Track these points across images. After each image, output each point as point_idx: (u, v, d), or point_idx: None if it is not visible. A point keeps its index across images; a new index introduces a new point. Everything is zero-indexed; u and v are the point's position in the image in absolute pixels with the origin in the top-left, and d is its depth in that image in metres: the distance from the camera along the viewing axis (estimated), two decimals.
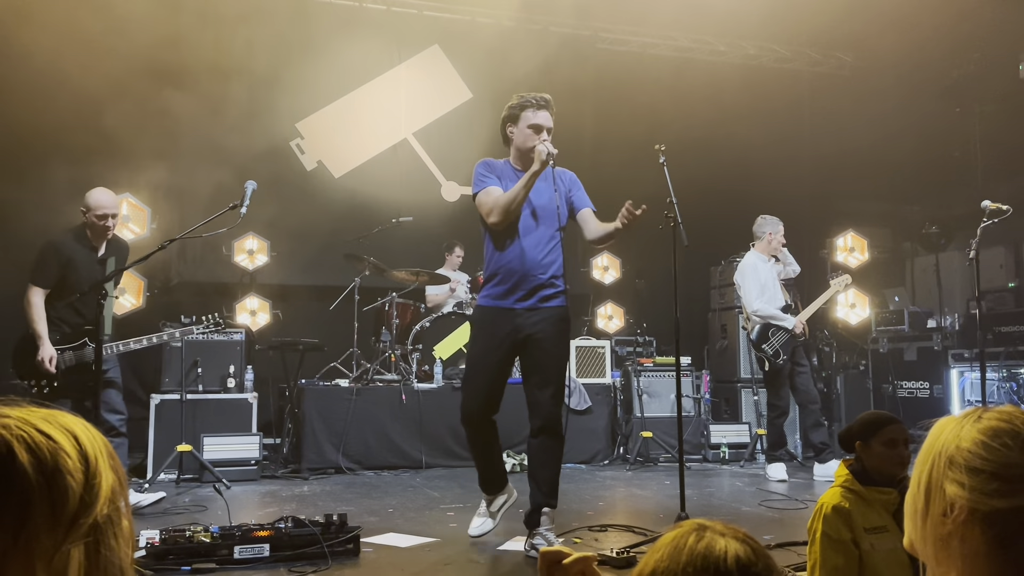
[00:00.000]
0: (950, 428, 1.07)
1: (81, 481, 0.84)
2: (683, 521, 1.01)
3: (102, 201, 4.67)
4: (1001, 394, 7.04)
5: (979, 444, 1.03)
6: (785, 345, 6.24)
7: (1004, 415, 1.05)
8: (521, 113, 3.88)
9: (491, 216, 3.77)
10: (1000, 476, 1.00)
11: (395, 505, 5.03)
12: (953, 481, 1.03)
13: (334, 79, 8.57)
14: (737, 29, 9.19)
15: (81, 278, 4.59)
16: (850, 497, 2.31)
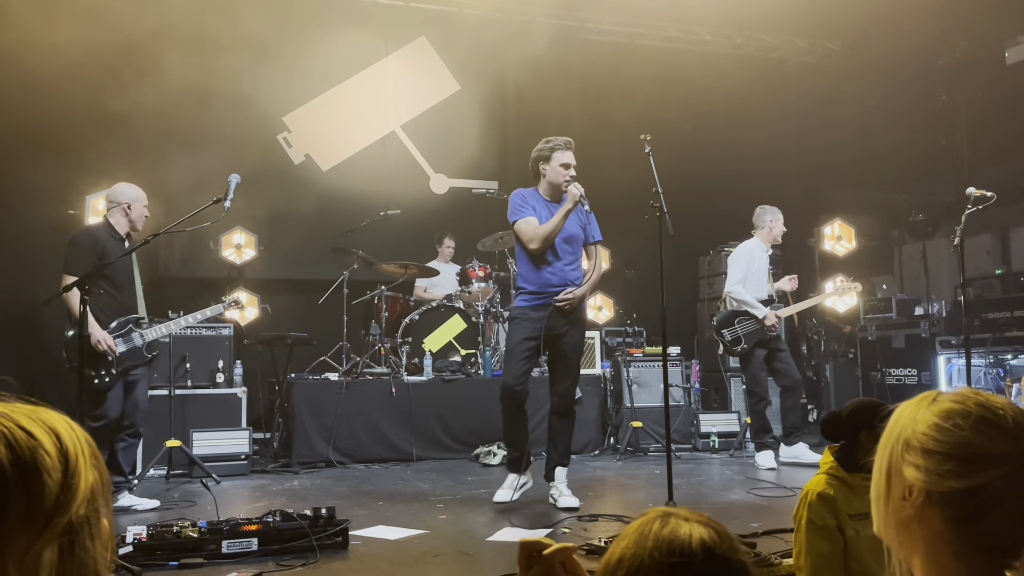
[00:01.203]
0: (907, 413, 1.08)
1: (59, 480, 0.83)
2: (649, 510, 1.02)
3: (140, 194, 4.82)
4: (988, 380, 7.08)
5: (933, 426, 1.03)
6: (751, 334, 6.30)
7: (958, 397, 1.06)
8: (552, 154, 4.68)
9: (532, 244, 4.59)
10: (954, 456, 1.00)
11: (385, 498, 5.03)
12: (910, 464, 1.03)
13: (321, 72, 8.53)
14: (724, 18, 9.18)
15: (116, 269, 4.66)
16: (835, 484, 2.32)
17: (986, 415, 1.02)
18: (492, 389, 6.91)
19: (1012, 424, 1.01)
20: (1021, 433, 1.00)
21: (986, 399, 1.04)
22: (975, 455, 1.00)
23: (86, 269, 4.51)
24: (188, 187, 6.60)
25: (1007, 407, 1.03)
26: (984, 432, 1.01)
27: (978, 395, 1.06)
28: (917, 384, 7.88)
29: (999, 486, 0.97)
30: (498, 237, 7.59)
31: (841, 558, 2.32)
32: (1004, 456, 0.98)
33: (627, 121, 7.42)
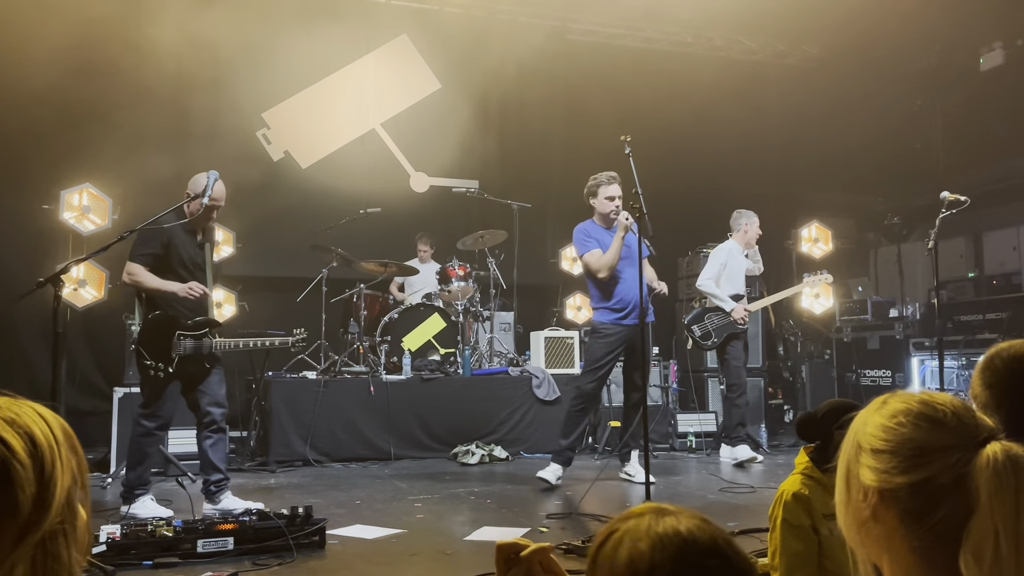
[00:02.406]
0: (860, 417, 1.12)
1: (32, 494, 0.80)
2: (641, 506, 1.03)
3: (219, 191, 4.50)
4: (960, 382, 7.18)
5: (879, 427, 1.07)
6: (720, 328, 6.44)
7: (904, 397, 1.10)
8: (598, 190, 5.46)
9: (600, 273, 5.37)
10: (898, 453, 1.04)
11: (363, 497, 5.02)
12: (864, 466, 1.07)
13: (301, 68, 8.48)
14: (704, 21, 9.23)
15: (182, 260, 4.47)
16: (810, 484, 2.34)
17: (926, 411, 1.05)
18: (471, 388, 6.94)
19: (951, 417, 1.04)
20: (960, 426, 1.03)
21: (929, 397, 1.08)
22: (918, 450, 1.03)
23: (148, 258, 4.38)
24: (166, 183, 6.54)
25: (949, 403, 1.06)
26: (924, 427, 1.04)
27: (924, 394, 1.09)
28: (891, 385, 7.97)
29: (943, 479, 1.00)
30: (478, 236, 7.60)
31: (815, 557, 2.34)
32: (945, 449, 1.01)
33: (608, 122, 7.44)
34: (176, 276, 4.42)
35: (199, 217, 4.46)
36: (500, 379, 7.09)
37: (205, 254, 4.58)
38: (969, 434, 1.02)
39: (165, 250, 4.39)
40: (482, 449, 6.49)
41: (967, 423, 1.03)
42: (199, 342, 4.44)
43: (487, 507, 4.73)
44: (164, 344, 4.38)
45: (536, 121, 8.83)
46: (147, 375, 4.36)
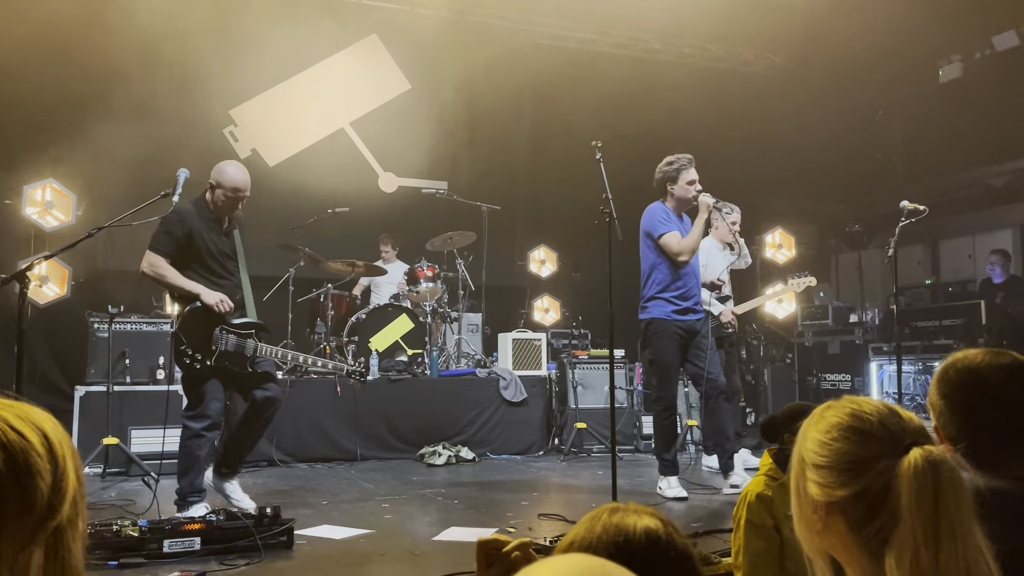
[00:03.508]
0: (802, 430, 1.19)
1: (50, 483, 0.83)
2: (600, 507, 1.07)
3: (238, 180, 4.31)
4: (917, 386, 7.36)
5: (817, 442, 1.14)
6: None
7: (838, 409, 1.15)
8: (679, 174, 5.08)
9: (682, 256, 4.97)
10: (835, 468, 1.10)
11: (329, 497, 5.01)
12: (809, 480, 1.13)
13: (269, 66, 8.43)
14: (672, 27, 9.34)
15: (208, 250, 4.30)
16: (773, 485, 2.41)
17: (855, 424, 1.11)
18: (438, 389, 6.95)
19: (878, 427, 1.10)
20: (886, 434, 1.09)
21: (858, 406, 1.13)
22: (852, 464, 1.09)
23: (168, 247, 4.20)
24: (131, 179, 6.46)
25: (876, 411, 1.12)
26: (854, 440, 1.10)
27: (854, 403, 1.15)
28: (850, 389, 8.14)
29: (877, 486, 1.06)
30: (447, 237, 7.61)
31: (777, 557, 2.41)
32: (875, 459, 1.07)
33: (577, 126, 7.50)
34: (203, 268, 4.28)
35: (223, 207, 4.32)
36: (467, 380, 7.11)
37: (234, 243, 4.44)
38: (894, 441, 1.08)
39: (187, 240, 4.23)
40: (449, 450, 6.51)
41: (893, 430, 1.09)
42: (242, 341, 4.28)
43: (454, 508, 4.75)
44: (205, 336, 4.20)
45: (506, 124, 8.88)
46: (184, 366, 4.19)
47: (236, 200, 4.32)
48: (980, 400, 1.42)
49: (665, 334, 4.97)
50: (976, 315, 7.05)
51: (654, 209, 5.10)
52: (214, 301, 4.20)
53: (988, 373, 1.43)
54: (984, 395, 1.42)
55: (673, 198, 5.10)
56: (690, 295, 5.05)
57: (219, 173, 4.31)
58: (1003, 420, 1.40)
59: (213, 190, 4.30)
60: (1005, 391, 1.42)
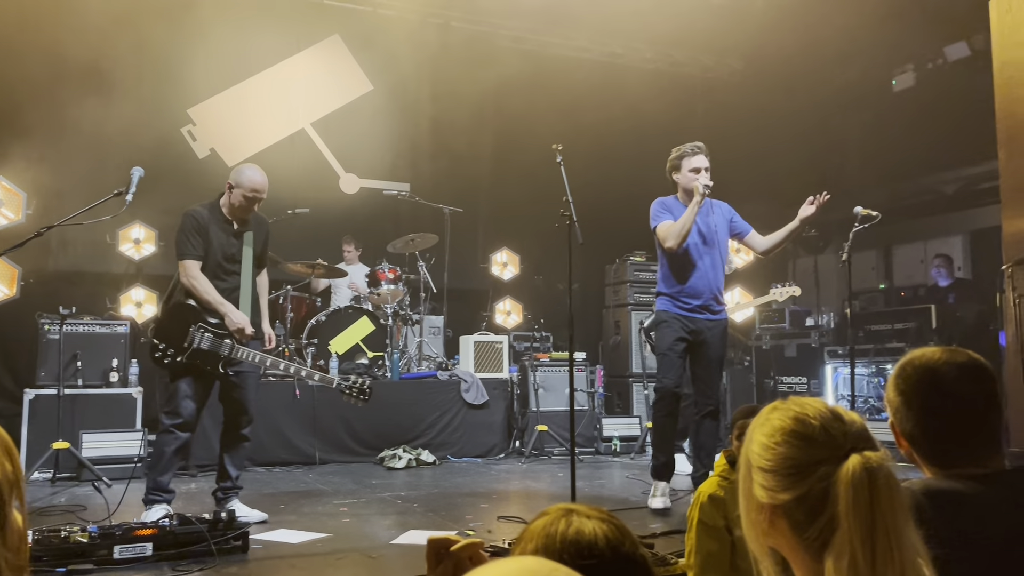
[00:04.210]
0: (749, 432, 1.20)
1: None
2: (550, 508, 1.07)
3: (258, 181, 4.37)
4: (870, 388, 7.50)
5: (761, 446, 1.15)
6: None
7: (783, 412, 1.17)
8: (681, 161, 4.82)
9: (667, 242, 4.67)
10: (779, 472, 1.12)
11: (287, 501, 4.95)
12: (756, 483, 1.15)
13: (229, 64, 8.32)
14: (634, 32, 9.42)
15: (214, 251, 4.32)
16: (726, 486, 2.44)
17: (798, 429, 1.13)
18: (399, 392, 6.92)
19: (819, 432, 1.11)
20: (828, 439, 1.11)
21: (801, 410, 1.15)
22: (794, 468, 1.11)
23: (199, 248, 4.25)
24: (85, 178, 6.33)
25: (819, 416, 1.13)
26: (796, 445, 1.12)
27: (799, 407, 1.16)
28: (807, 391, 8.27)
29: (817, 490, 1.08)
30: (409, 239, 7.58)
31: (728, 557, 2.44)
32: (816, 464, 1.09)
33: (539, 129, 7.52)
34: (207, 269, 4.31)
35: (239, 208, 4.38)
36: (429, 383, 7.08)
37: (243, 245, 4.43)
38: (835, 446, 1.10)
39: (205, 239, 4.29)
40: (409, 453, 6.48)
41: (834, 435, 1.11)
42: (218, 341, 4.23)
43: (413, 511, 4.73)
44: (180, 332, 4.19)
45: (468, 126, 8.86)
46: (154, 359, 4.18)
47: (253, 201, 4.41)
48: (936, 397, 1.44)
49: (667, 324, 4.73)
50: (927, 319, 7.21)
51: (653, 205, 4.91)
52: (235, 327, 4.23)
53: (945, 371, 1.45)
54: (940, 392, 1.44)
55: (680, 189, 4.88)
56: (698, 293, 4.72)
57: (238, 174, 4.40)
58: (957, 418, 1.43)
59: (231, 191, 4.38)
60: (960, 389, 1.44)
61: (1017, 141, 5.77)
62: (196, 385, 4.27)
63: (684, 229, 4.64)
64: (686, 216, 4.65)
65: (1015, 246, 5.53)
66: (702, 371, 4.74)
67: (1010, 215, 5.76)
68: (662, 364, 4.76)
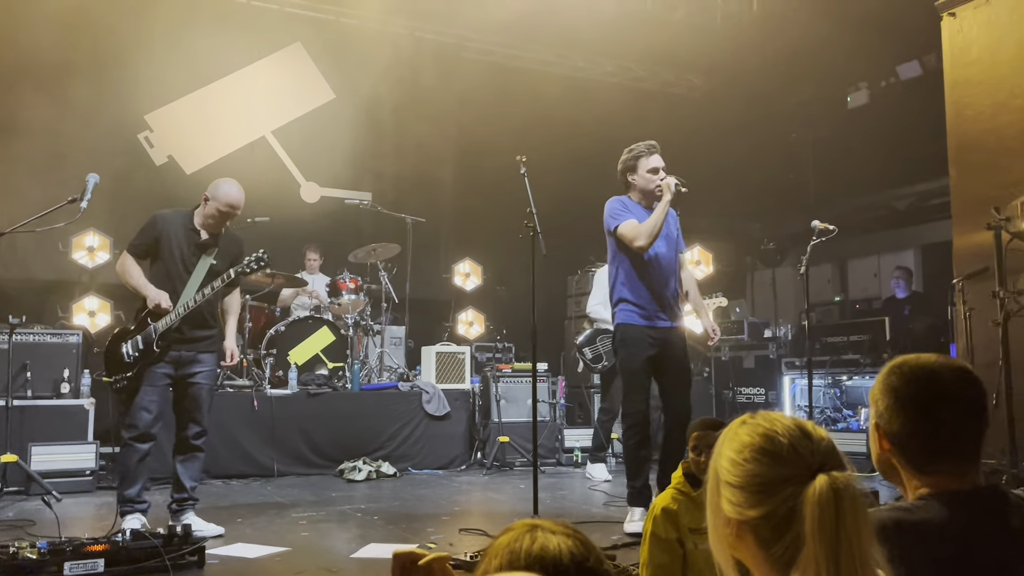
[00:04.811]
0: (718, 446, 1.21)
1: None
2: (515, 523, 1.06)
3: (233, 196, 4.36)
4: (826, 399, 7.63)
5: (730, 461, 1.16)
6: (612, 352, 6.53)
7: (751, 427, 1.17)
8: (638, 161, 4.56)
9: (637, 241, 4.34)
10: (747, 488, 1.12)
11: (244, 515, 4.86)
12: (724, 498, 1.15)
13: (188, 71, 8.21)
14: (596, 46, 9.51)
15: (173, 255, 4.30)
16: (680, 499, 2.47)
17: (765, 445, 1.13)
18: (359, 403, 6.85)
19: (788, 449, 1.12)
20: (795, 457, 1.11)
21: (770, 426, 1.15)
22: (762, 486, 1.11)
23: (138, 248, 4.32)
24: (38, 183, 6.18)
25: (788, 433, 1.14)
26: (764, 462, 1.12)
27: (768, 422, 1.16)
28: (764, 402, 8.38)
29: (785, 508, 1.09)
30: (370, 249, 7.53)
31: (679, 569, 2.46)
32: (785, 480, 1.10)
33: (503, 140, 7.54)
34: (164, 271, 4.32)
35: (212, 221, 4.37)
36: (389, 394, 7.03)
37: (200, 256, 4.38)
38: (803, 465, 1.10)
39: (156, 243, 4.31)
40: (369, 465, 6.41)
41: (802, 453, 1.11)
42: (147, 334, 4.24)
43: (374, 524, 4.68)
44: (117, 358, 4.28)
45: (432, 136, 8.85)
46: (117, 392, 4.28)
47: (226, 216, 4.40)
48: (931, 397, 1.43)
49: (632, 341, 4.41)
50: (881, 331, 7.36)
51: (610, 203, 4.55)
52: (153, 302, 4.20)
53: (943, 373, 1.44)
54: (936, 393, 1.43)
55: (636, 190, 4.57)
56: (662, 299, 4.44)
57: (215, 188, 4.40)
58: (949, 421, 1.42)
59: (206, 203, 4.37)
60: (956, 392, 1.43)
61: (967, 159, 5.95)
62: (150, 396, 4.27)
63: (656, 228, 4.35)
64: (658, 214, 4.37)
65: (966, 261, 5.69)
66: (670, 382, 4.47)
67: (961, 231, 5.93)
68: (631, 388, 4.46)
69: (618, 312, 4.49)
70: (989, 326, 5.03)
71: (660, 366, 4.45)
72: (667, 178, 4.46)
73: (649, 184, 4.50)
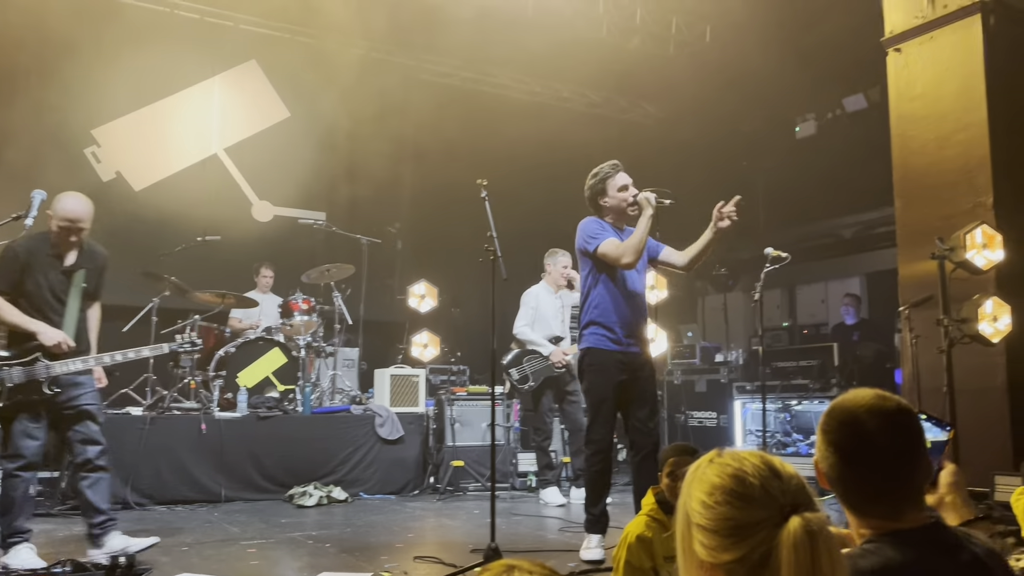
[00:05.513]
0: (686, 486, 1.19)
1: None
2: (491, 563, 1.04)
3: (68, 209, 4.06)
4: (776, 423, 7.73)
5: (701, 503, 1.14)
6: (538, 372, 6.55)
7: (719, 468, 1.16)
8: (606, 183, 4.49)
9: (625, 258, 4.25)
10: (719, 532, 1.11)
11: (190, 542, 4.71)
12: (695, 540, 1.14)
13: (138, 86, 8.05)
14: (553, 71, 9.61)
15: (40, 286, 4.05)
16: (654, 526, 2.45)
17: (736, 487, 1.13)
18: (311, 427, 6.72)
19: (759, 491, 1.11)
20: (767, 499, 1.11)
21: (739, 466, 1.14)
22: (735, 529, 1.10)
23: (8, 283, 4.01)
24: None
25: (758, 473, 1.13)
26: (737, 505, 1.11)
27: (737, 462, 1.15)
28: (716, 426, 8.47)
29: (758, 554, 1.08)
30: (324, 270, 7.43)
31: None
32: (758, 523, 1.09)
33: (459, 162, 7.55)
34: (33, 305, 4.06)
35: (59, 239, 4.12)
36: (341, 417, 6.91)
37: (72, 282, 4.18)
38: (775, 506, 1.10)
39: (22, 275, 4.04)
40: (320, 490, 6.28)
41: (774, 494, 1.11)
42: (29, 369, 3.99)
43: (326, 551, 4.57)
44: None
45: (388, 157, 8.81)
46: None
47: (68, 232, 4.13)
48: (856, 445, 1.41)
49: (602, 366, 4.31)
50: (830, 357, 7.50)
51: (586, 223, 4.45)
52: (53, 342, 4.01)
53: (867, 419, 1.42)
54: (861, 441, 1.41)
55: (610, 213, 4.48)
56: (633, 324, 4.36)
57: (56, 202, 4.14)
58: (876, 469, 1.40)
59: (50, 220, 4.12)
60: (882, 441, 1.40)
61: (912, 191, 6.13)
62: (31, 421, 4.06)
63: (641, 243, 4.27)
64: (642, 229, 4.27)
65: (911, 289, 5.85)
66: (638, 410, 4.37)
67: (906, 259, 6.10)
68: (597, 414, 4.36)
69: (588, 335, 4.37)
70: (934, 353, 5.16)
71: (628, 393, 4.36)
72: (641, 193, 4.38)
73: (622, 203, 4.44)
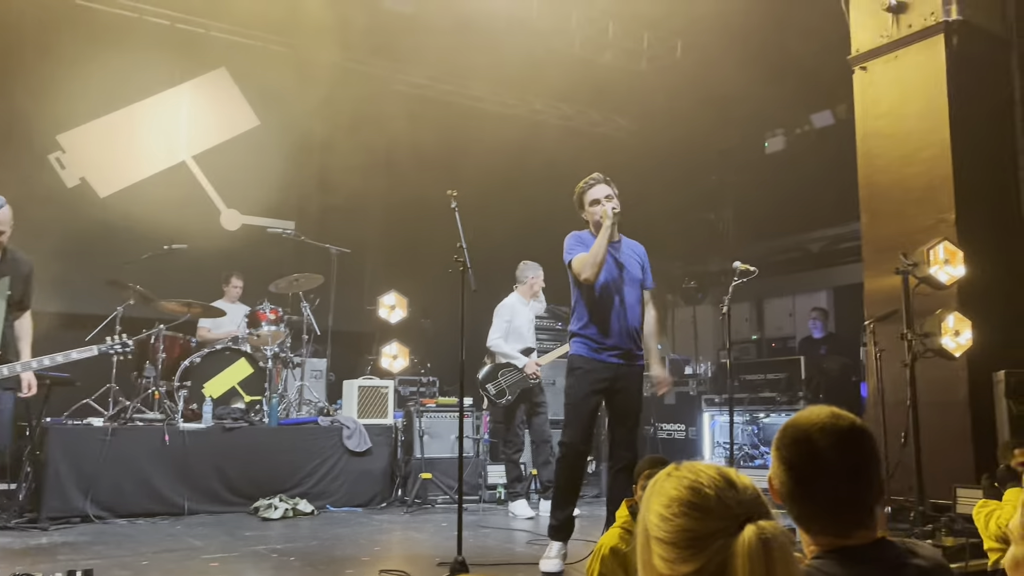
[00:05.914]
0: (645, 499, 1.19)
1: None
2: None
3: None
4: (744, 436, 7.79)
5: (659, 516, 1.14)
6: (514, 385, 6.56)
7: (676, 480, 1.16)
8: (583, 197, 4.63)
9: (583, 273, 4.36)
10: (677, 544, 1.11)
11: (151, 557, 4.61)
12: (655, 554, 1.14)
13: (105, 91, 7.94)
14: (526, 84, 9.64)
15: None
16: (628, 539, 2.44)
17: (692, 499, 1.13)
18: (277, 438, 6.63)
19: (714, 501, 1.12)
20: (722, 508, 1.11)
21: (696, 478, 1.15)
22: (692, 541, 1.10)
23: None
24: None
25: (713, 484, 1.13)
26: (694, 516, 1.11)
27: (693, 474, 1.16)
28: (685, 438, 8.50)
29: (715, 564, 1.08)
30: (292, 280, 7.36)
31: None
32: (714, 534, 1.09)
33: (431, 173, 7.53)
34: None
35: None
36: (309, 429, 6.83)
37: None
38: (730, 516, 1.10)
39: None
40: (286, 503, 6.19)
41: (728, 504, 1.11)
42: None
43: (291, 565, 4.50)
44: None
45: (359, 166, 8.76)
46: None
47: None
48: (805, 463, 1.41)
49: (582, 372, 4.39)
50: (797, 370, 7.58)
51: (568, 237, 4.62)
52: None
53: (818, 438, 1.41)
54: (811, 459, 1.41)
55: (591, 224, 4.62)
56: (614, 334, 4.39)
57: None
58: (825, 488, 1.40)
59: None
60: (832, 460, 1.40)
61: (878, 207, 6.23)
62: None
63: (597, 258, 4.34)
64: (597, 244, 4.36)
65: (876, 303, 5.92)
66: (619, 422, 4.45)
67: (872, 274, 6.19)
68: (571, 419, 4.41)
69: (572, 343, 4.55)
70: (898, 366, 5.22)
71: (609, 404, 4.43)
72: (605, 206, 4.49)
73: (595, 216, 4.57)
